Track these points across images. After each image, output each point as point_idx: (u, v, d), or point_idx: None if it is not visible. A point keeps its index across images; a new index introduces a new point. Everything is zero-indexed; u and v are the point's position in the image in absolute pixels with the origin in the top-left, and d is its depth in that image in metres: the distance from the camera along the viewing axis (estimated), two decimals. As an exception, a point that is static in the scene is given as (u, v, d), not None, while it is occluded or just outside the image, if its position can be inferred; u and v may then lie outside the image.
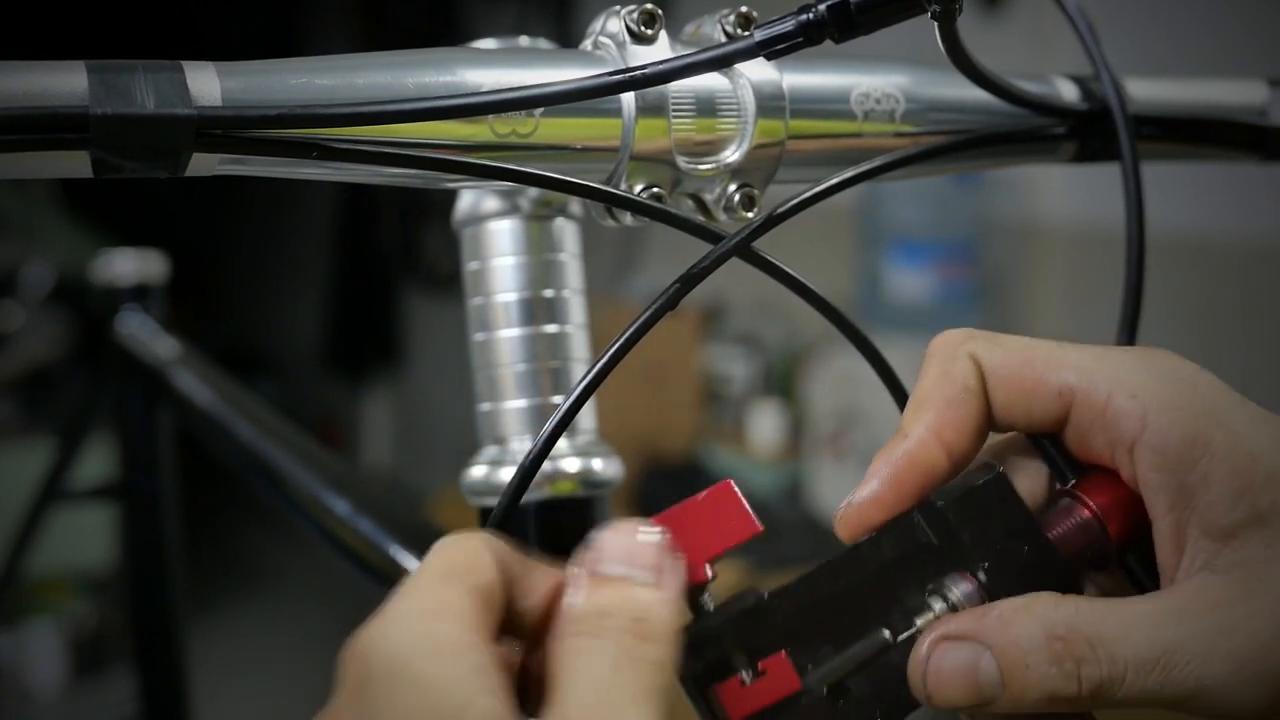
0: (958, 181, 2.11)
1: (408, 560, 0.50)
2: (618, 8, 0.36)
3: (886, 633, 0.29)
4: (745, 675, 0.29)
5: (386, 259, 4.22)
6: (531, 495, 0.42)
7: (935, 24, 0.33)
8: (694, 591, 0.29)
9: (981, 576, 0.29)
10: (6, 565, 1.11)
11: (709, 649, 0.29)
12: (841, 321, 0.38)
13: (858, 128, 0.39)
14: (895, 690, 0.29)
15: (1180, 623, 0.28)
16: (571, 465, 0.42)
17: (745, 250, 0.35)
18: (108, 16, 4.33)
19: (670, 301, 0.34)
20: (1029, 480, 0.32)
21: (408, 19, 3.88)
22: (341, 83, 0.31)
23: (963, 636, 0.28)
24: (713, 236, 0.35)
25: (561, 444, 0.42)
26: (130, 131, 0.28)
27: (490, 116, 0.33)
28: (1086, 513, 0.30)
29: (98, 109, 0.27)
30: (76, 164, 0.28)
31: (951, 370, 0.31)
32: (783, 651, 0.29)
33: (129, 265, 0.99)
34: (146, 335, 0.97)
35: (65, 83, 0.28)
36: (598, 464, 0.43)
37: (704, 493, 0.30)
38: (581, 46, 0.37)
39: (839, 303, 0.37)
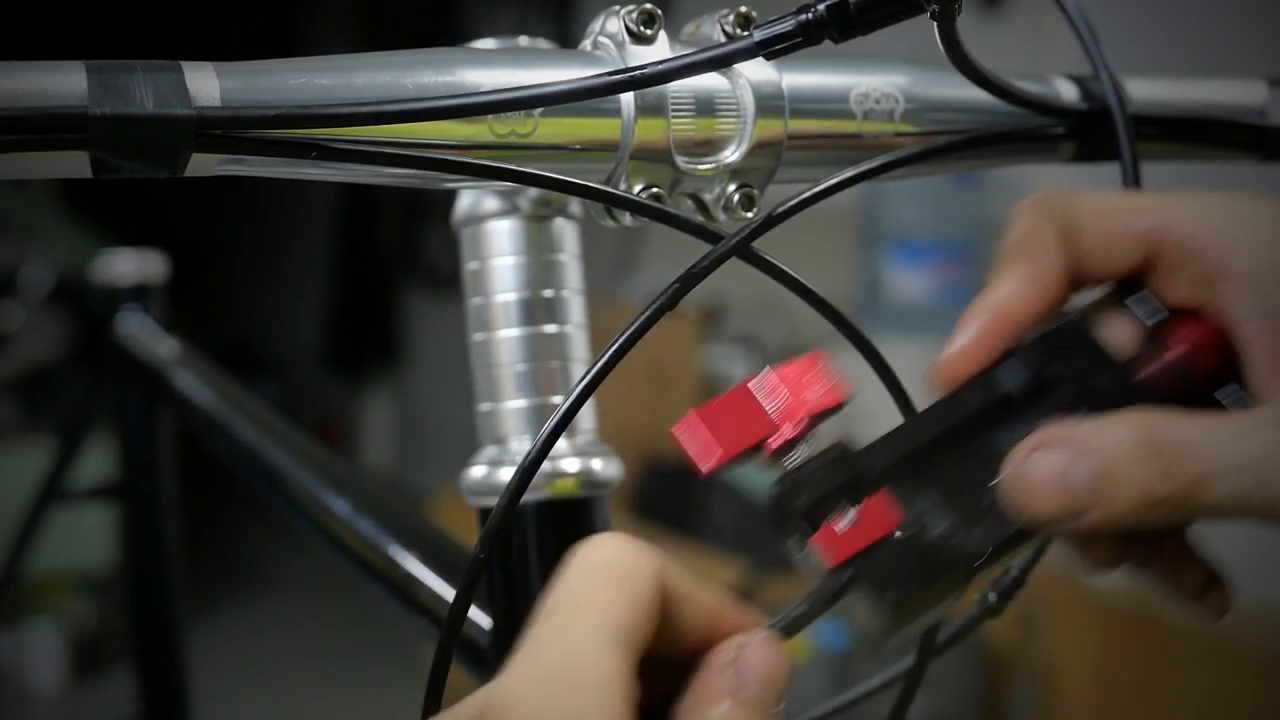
0: (958, 181, 2.11)
1: (407, 560, 0.50)
2: (617, 8, 0.36)
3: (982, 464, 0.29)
4: (841, 520, 0.28)
5: (386, 259, 4.22)
6: (531, 495, 0.42)
7: (934, 24, 0.33)
8: (784, 448, 0.29)
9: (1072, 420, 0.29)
10: (6, 565, 1.11)
11: (804, 495, 0.28)
12: (841, 322, 0.38)
13: (857, 127, 0.39)
14: (998, 522, 0.29)
15: (1275, 429, 0.28)
16: (571, 465, 0.42)
17: (744, 250, 0.35)
18: (107, 16, 4.33)
19: (669, 301, 0.34)
20: (1119, 333, 0.32)
21: (408, 19, 3.88)
22: (341, 83, 0.31)
23: (1055, 443, 0.28)
24: (712, 236, 0.35)
25: (561, 444, 0.42)
26: (129, 132, 0.28)
27: (489, 117, 0.33)
28: (1173, 352, 0.30)
29: (97, 109, 0.27)
30: (75, 164, 0.28)
31: (1037, 224, 0.31)
32: (884, 490, 0.28)
33: (129, 265, 0.99)
34: (146, 335, 0.97)
35: (64, 83, 0.28)
36: (597, 464, 0.43)
37: (793, 360, 0.30)
38: (581, 47, 0.37)
39: (839, 303, 0.37)
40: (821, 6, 0.29)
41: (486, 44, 0.38)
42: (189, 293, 3.70)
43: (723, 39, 0.37)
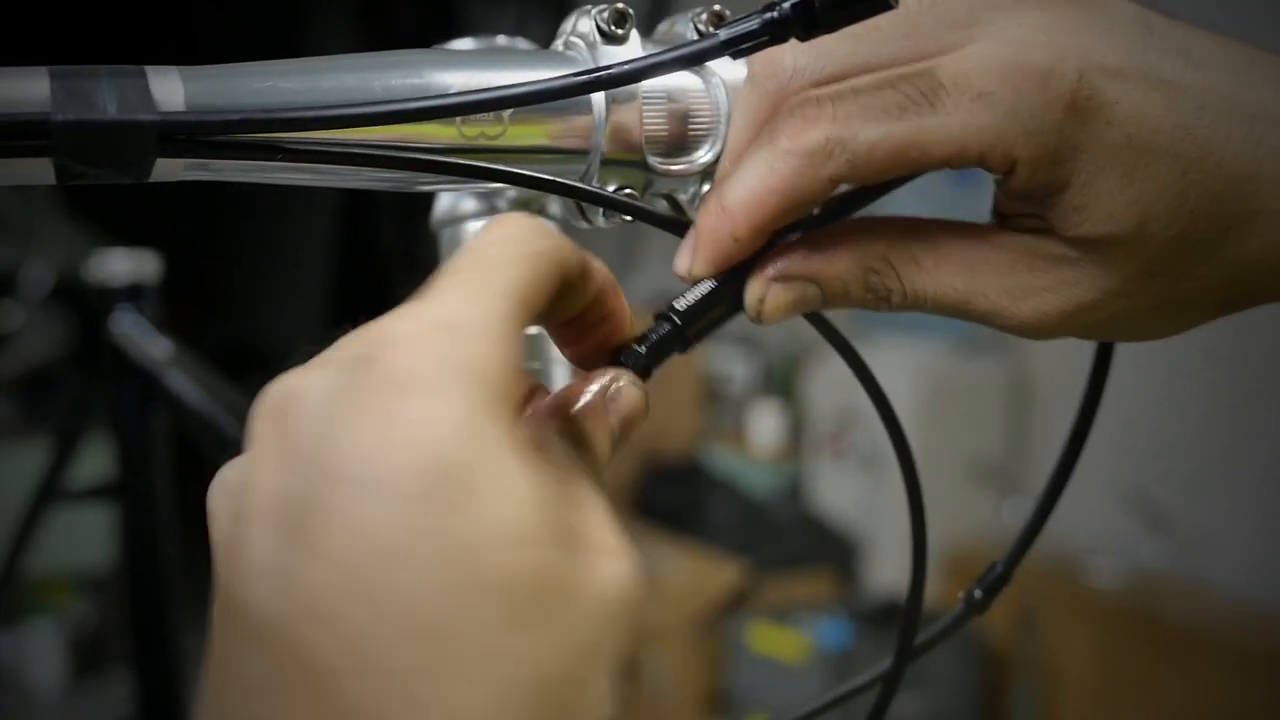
0: (957, 180, 2.10)
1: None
2: (589, 7, 0.36)
3: None
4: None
5: (386, 259, 4.23)
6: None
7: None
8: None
9: None
10: (6, 565, 1.11)
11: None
12: (824, 325, 0.37)
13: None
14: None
15: (981, 277, 0.31)
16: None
17: None
18: (109, 18, 4.34)
19: None
20: None
21: (407, 19, 3.88)
22: (307, 86, 0.31)
23: (792, 277, 0.32)
24: (682, 228, 0.35)
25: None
26: (92, 138, 0.27)
27: (458, 119, 0.32)
28: None
29: (59, 115, 0.27)
30: (39, 171, 0.28)
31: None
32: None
33: (122, 265, 0.99)
34: (140, 335, 0.97)
35: (27, 89, 0.28)
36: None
37: None
38: (553, 47, 0.37)
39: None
40: (787, 4, 0.29)
41: (463, 44, 0.38)
42: (188, 292, 3.70)
43: (695, 37, 0.37)
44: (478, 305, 0.25)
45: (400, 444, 0.23)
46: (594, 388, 0.30)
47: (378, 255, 4.26)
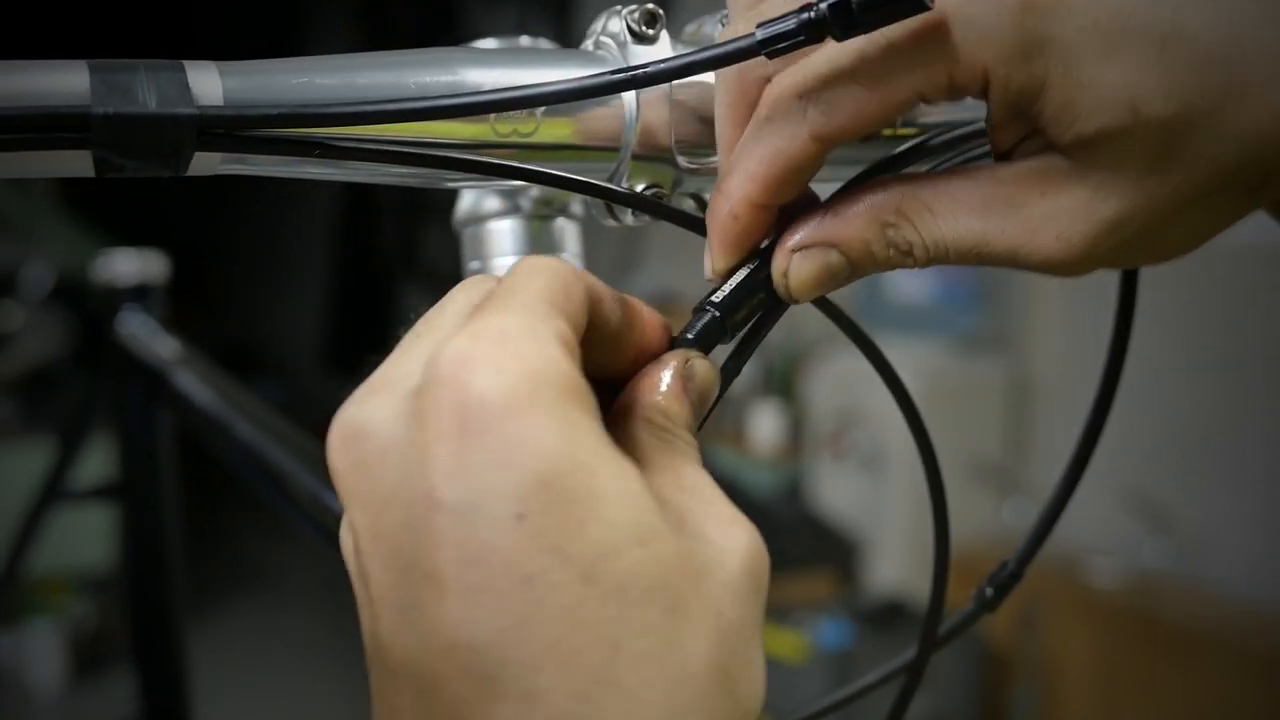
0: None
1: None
2: (619, 8, 0.36)
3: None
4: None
5: (386, 259, 4.22)
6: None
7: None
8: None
9: None
10: (6, 565, 1.11)
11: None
12: (843, 320, 0.38)
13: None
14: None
15: (995, 214, 0.31)
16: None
17: None
18: (109, 17, 4.33)
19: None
20: None
21: (408, 19, 3.88)
22: (343, 82, 0.31)
23: (811, 244, 0.32)
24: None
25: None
26: (132, 131, 0.28)
27: (491, 116, 0.33)
28: None
29: (99, 108, 0.27)
30: (78, 163, 0.28)
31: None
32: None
33: (130, 265, 0.99)
34: (147, 335, 0.97)
35: (67, 82, 0.28)
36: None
37: None
38: (583, 47, 0.37)
39: (840, 302, 0.37)
40: (824, 5, 0.29)
41: (488, 44, 0.38)
42: (189, 293, 3.70)
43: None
44: (522, 316, 0.25)
45: (495, 465, 0.23)
46: (669, 371, 0.30)
47: (378, 256, 4.26)
